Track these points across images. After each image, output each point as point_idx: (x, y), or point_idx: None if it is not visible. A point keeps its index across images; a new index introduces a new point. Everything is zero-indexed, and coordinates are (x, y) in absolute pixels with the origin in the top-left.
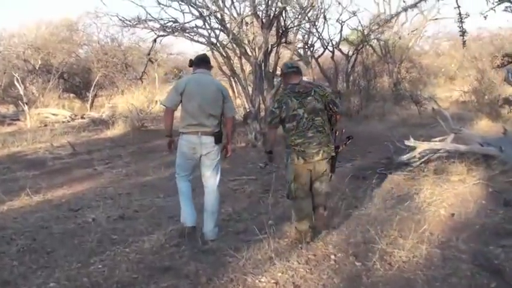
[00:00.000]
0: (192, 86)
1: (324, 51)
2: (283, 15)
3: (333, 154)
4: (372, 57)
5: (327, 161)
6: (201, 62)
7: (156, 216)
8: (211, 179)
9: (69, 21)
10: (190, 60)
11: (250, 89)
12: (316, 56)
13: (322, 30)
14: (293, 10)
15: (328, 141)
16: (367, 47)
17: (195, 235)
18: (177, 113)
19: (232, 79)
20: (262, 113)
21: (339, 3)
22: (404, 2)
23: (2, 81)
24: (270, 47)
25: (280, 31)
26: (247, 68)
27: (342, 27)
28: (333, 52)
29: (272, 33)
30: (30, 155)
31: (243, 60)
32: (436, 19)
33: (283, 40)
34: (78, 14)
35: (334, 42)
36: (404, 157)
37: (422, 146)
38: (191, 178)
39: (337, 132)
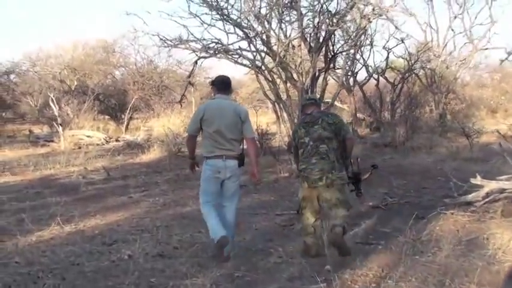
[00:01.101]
0: (211, 112)
1: (369, 79)
2: (332, 39)
3: (342, 182)
4: (416, 87)
5: (336, 188)
6: (221, 86)
7: (198, 254)
8: (232, 200)
9: (106, 42)
10: (212, 81)
11: (295, 115)
12: (359, 83)
13: (368, 57)
14: (344, 34)
15: (332, 168)
16: (413, 75)
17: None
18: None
19: (277, 105)
20: None
21: (395, 27)
22: (452, 30)
23: (38, 102)
24: (317, 72)
25: (329, 55)
26: (293, 93)
27: (388, 54)
28: (377, 80)
29: (319, 58)
30: (62, 179)
31: (289, 85)
32: (486, 49)
33: (332, 65)
34: (114, 36)
35: (379, 70)
36: (470, 196)
37: (490, 186)
38: (215, 204)
39: (352, 160)
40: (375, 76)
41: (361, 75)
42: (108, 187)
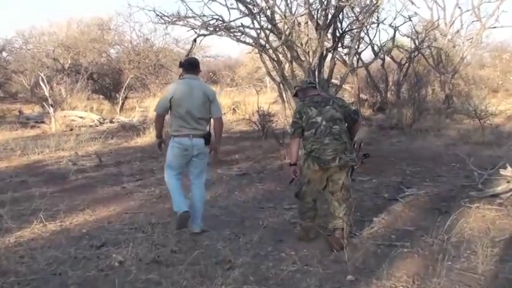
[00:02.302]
0: (180, 92)
1: (375, 58)
2: (340, 16)
3: (353, 164)
4: (421, 67)
5: (346, 171)
6: (189, 66)
7: (199, 261)
8: (200, 177)
9: (101, 20)
10: (180, 62)
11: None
12: (364, 63)
13: (374, 36)
14: (354, 11)
15: (345, 149)
16: (419, 55)
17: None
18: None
19: (282, 86)
20: None
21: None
22: (459, 8)
23: (30, 81)
24: (325, 51)
25: (338, 34)
26: (300, 74)
27: (394, 32)
28: (383, 59)
29: (327, 37)
30: (51, 166)
31: (294, 65)
32: (494, 27)
33: (340, 44)
34: (110, 13)
35: (385, 49)
36: (499, 189)
37: None
38: (180, 177)
39: (355, 145)
40: (381, 55)
41: (365, 54)
42: (99, 175)
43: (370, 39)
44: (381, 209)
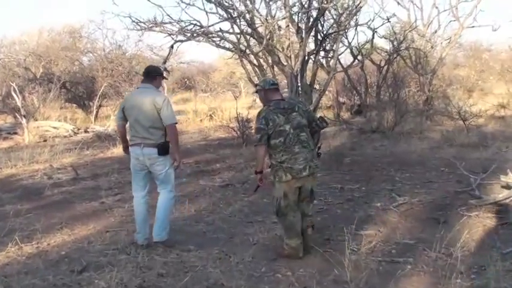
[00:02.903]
0: (130, 101)
1: (353, 61)
2: (322, 19)
3: (317, 170)
4: (400, 68)
5: (314, 177)
6: (145, 75)
7: (189, 285)
8: (161, 188)
9: (72, 27)
10: (144, 71)
11: None
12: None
13: (353, 38)
14: (335, 13)
15: (313, 157)
16: (397, 57)
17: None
18: None
19: None
20: None
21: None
22: (437, 8)
23: (1, 91)
24: (307, 55)
25: (320, 37)
26: (281, 79)
27: (373, 34)
28: (362, 62)
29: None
30: (25, 180)
31: (276, 70)
32: (472, 27)
33: (322, 47)
34: (81, 21)
35: (364, 51)
36: (500, 196)
37: None
38: (146, 195)
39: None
40: (359, 58)
41: (342, 57)
42: (76, 190)
43: (348, 41)
44: (375, 220)
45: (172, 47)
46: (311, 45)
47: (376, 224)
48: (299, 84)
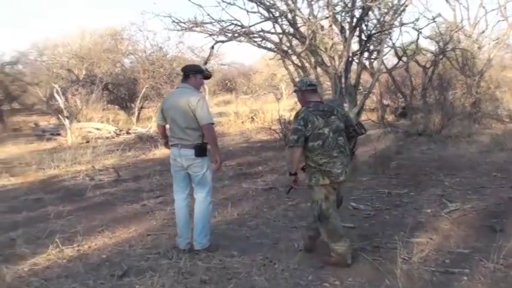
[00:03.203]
0: (167, 102)
1: (398, 62)
2: (365, 18)
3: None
4: (446, 70)
5: (345, 182)
6: (184, 74)
7: None
8: (197, 191)
9: (114, 30)
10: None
11: None
12: (386, 68)
13: (397, 38)
14: (381, 12)
15: (349, 162)
16: (443, 58)
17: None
18: None
19: None
20: None
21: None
22: (484, 7)
23: (46, 92)
24: (351, 55)
25: (364, 37)
26: (325, 80)
27: (418, 34)
28: (407, 63)
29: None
30: (67, 181)
31: (319, 71)
32: None
33: (366, 48)
34: (123, 22)
35: (409, 52)
36: None
37: None
38: (187, 197)
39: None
40: (403, 59)
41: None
42: (118, 191)
43: (392, 42)
44: (426, 227)
45: (213, 47)
46: (354, 46)
47: (428, 232)
48: (343, 85)
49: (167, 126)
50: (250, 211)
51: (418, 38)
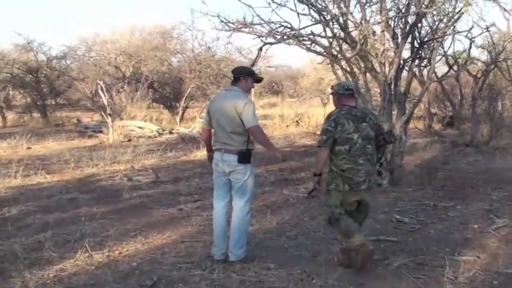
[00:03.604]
0: (213, 104)
1: (448, 71)
2: (419, 25)
3: (375, 185)
4: (497, 81)
5: (372, 192)
6: (233, 77)
7: None
8: (236, 199)
9: (163, 28)
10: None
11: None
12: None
13: (449, 47)
14: (434, 18)
15: (374, 172)
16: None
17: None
18: None
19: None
20: (391, 145)
21: None
22: None
23: (92, 88)
24: (402, 62)
25: (417, 44)
26: (374, 86)
27: (470, 44)
28: (457, 72)
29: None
30: (104, 181)
31: (369, 77)
32: None
33: (418, 55)
34: (170, 19)
35: (460, 61)
36: None
37: None
38: (226, 205)
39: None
40: (455, 68)
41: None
42: (155, 194)
43: (444, 50)
44: (473, 244)
45: (261, 49)
46: (405, 53)
47: (474, 249)
48: (392, 92)
49: (212, 130)
50: (289, 220)
51: (470, 47)
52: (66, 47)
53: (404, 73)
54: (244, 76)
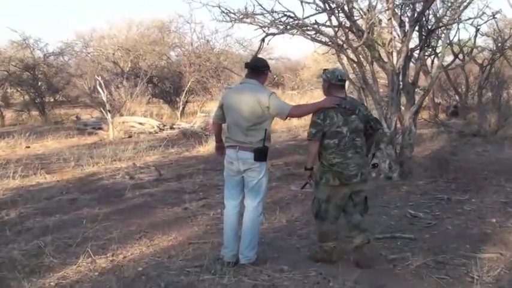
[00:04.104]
0: (229, 98)
1: (454, 60)
2: (427, 12)
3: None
4: (504, 69)
5: (366, 184)
6: (250, 69)
7: None
8: (249, 198)
9: (161, 22)
10: (246, 63)
11: (384, 104)
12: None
13: (455, 35)
14: (444, 4)
15: (365, 163)
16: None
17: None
18: None
19: (362, 91)
20: (400, 137)
21: None
22: None
23: (90, 85)
24: (410, 51)
25: (424, 32)
26: (381, 76)
27: (476, 31)
28: (463, 60)
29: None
30: (106, 180)
31: (376, 67)
32: None
33: (426, 44)
34: (170, 15)
35: (466, 49)
36: None
37: None
38: (238, 205)
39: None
40: (459, 56)
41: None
42: (158, 192)
43: (449, 38)
44: (493, 239)
45: (263, 40)
46: (412, 43)
47: (496, 245)
48: (400, 83)
49: (223, 125)
50: (299, 217)
51: (476, 35)
52: (63, 43)
53: (412, 67)
54: (267, 69)
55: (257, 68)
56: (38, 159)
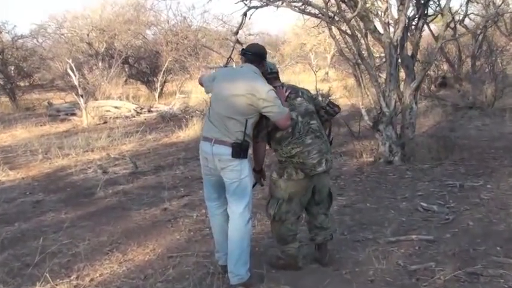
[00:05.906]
0: (222, 76)
1: (446, 27)
2: None
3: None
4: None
5: (328, 174)
6: (245, 55)
7: None
8: (232, 204)
9: (136, 0)
10: (242, 49)
11: (382, 81)
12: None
13: (445, 4)
14: None
15: (328, 149)
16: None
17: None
18: None
19: (357, 67)
20: (400, 115)
21: None
22: None
23: (65, 67)
24: (407, 21)
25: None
26: (378, 50)
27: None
28: (454, 29)
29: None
30: (76, 175)
31: (371, 40)
32: None
33: (426, 12)
34: None
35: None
36: None
37: None
38: (222, 205)
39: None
40: (451, 25)
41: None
42: (134, 189)
43: (440, 5)
44: None
45: (245, 14)
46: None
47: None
48: (398, 56)
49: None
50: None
51: (468, 2)
52: (36, 25)
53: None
54: (265, 60)
55: (263, 56)
56: (2, 152)
